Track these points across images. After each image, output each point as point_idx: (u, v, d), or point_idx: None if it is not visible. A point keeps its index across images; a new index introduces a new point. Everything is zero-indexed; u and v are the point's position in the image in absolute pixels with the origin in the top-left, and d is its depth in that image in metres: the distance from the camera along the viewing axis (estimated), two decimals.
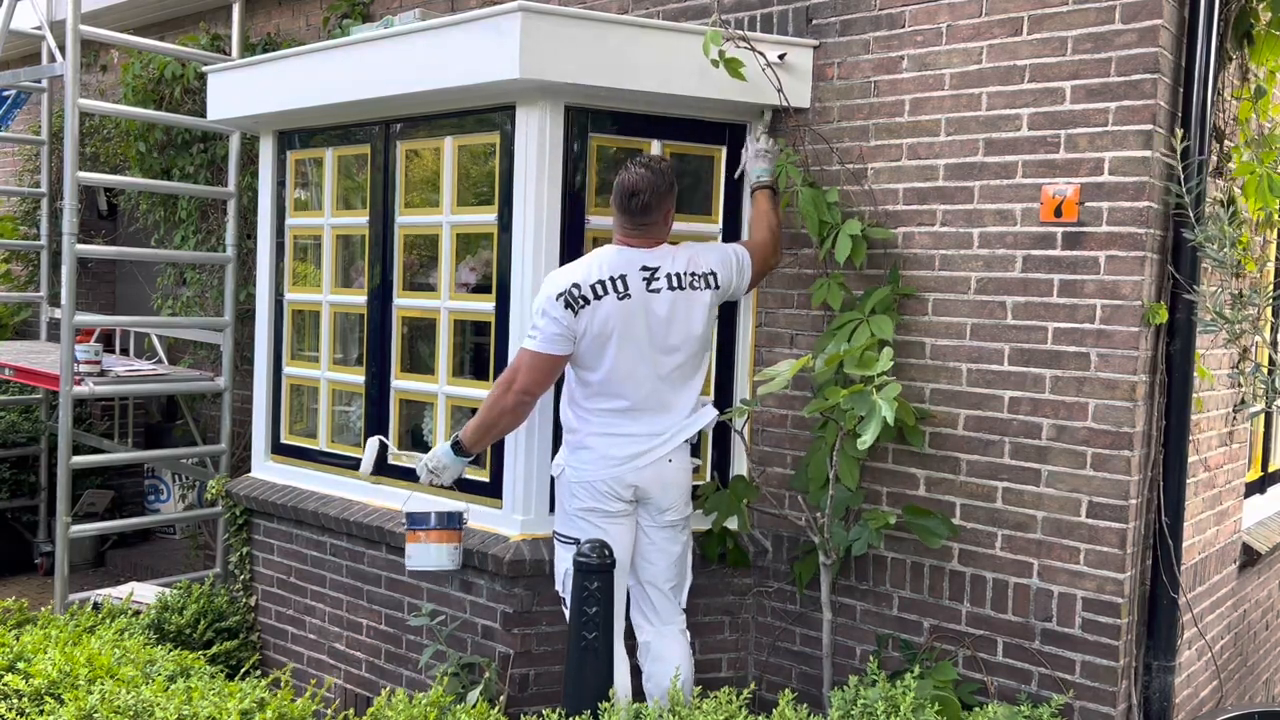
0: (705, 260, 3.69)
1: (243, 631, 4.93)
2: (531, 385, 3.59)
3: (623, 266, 3.56)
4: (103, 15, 6.53)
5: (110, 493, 7.33)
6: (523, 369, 3.58)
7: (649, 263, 3.59)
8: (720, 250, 3.79)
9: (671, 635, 3.79)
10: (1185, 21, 3.41)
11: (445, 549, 3.78)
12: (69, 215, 5.21)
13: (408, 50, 4.04)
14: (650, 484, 3.66)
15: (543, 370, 3.58)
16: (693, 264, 3.66)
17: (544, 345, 3.54)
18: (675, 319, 3.61)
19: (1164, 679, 3.53)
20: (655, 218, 3.59)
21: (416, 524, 3.77)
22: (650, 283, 3.57)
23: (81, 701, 3.09)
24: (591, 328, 3.53)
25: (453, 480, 3.79)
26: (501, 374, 3.69)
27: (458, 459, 3.72)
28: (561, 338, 3.53)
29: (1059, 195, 3.45)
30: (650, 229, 3.60)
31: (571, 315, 3.51)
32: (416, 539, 3.77)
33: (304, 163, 4.91)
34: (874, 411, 3.28)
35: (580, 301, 3.51)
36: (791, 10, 4.06)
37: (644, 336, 3.57)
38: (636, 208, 3.55)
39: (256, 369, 5.08)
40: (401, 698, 3.26)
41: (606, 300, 3.52)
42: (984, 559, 3.64)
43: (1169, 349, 3.48)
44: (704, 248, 3.78)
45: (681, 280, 3.62)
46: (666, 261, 3.61)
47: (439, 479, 3.76)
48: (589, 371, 3.61)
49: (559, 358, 3.58)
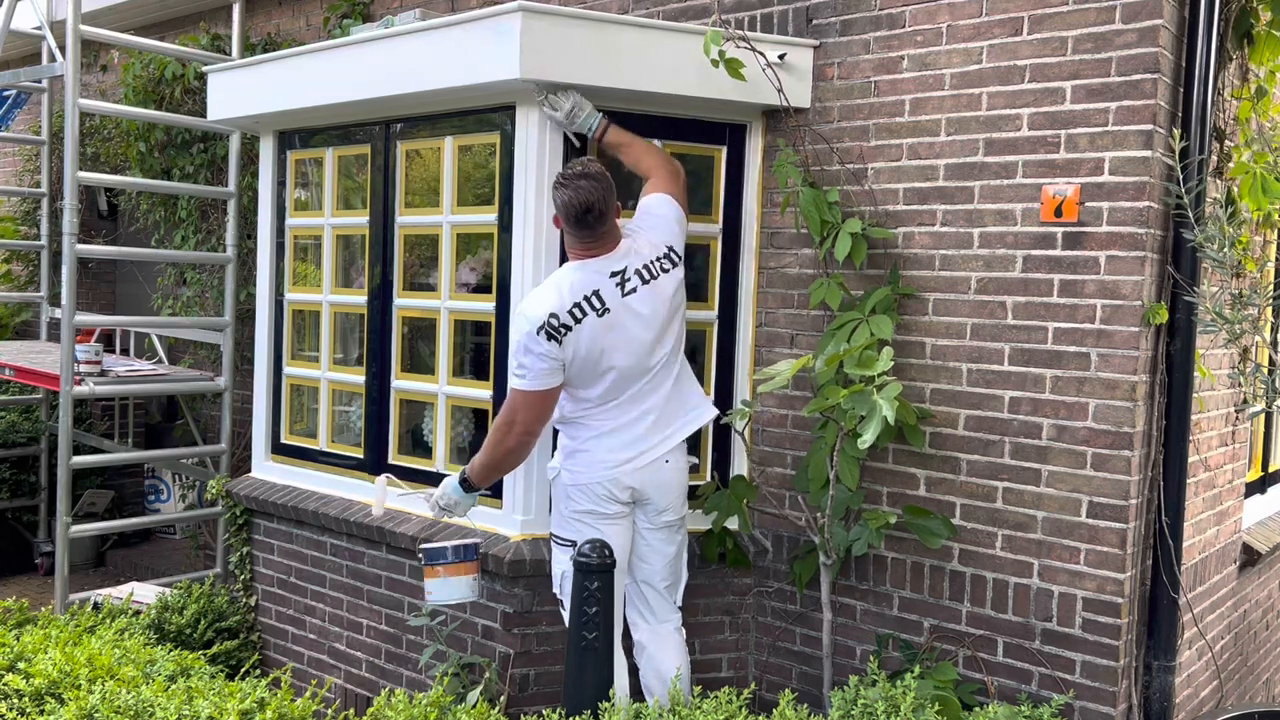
0: (658, 238, 3.62)
1: (243, 631, 4.93)
2: (532, 423, 3.56)
3: (593, 282, 3.51)
4: (103, 15, 6.53)
5: (110, 493, 7.33)
6: (519, 410, 3.54)
7: (615, 267, 3.54)
8: (661, 219, 3.66)
9: (667, 633, 3.79)
10: (1185, 21, 3.41)
11: (465, 581, 3.74)
12: (69, 215, 5.21)
13: (408, 50, 4.03)
14: (647, 485, 3.65)
15: (539, 407, 3.55)
16: (652, 248, 3.60)
17: (535, 383, 3.50)
18: (656, 310, 3.58)
19: (1164, 679, 3.53)
20: (609, 222, 3.53)
21: (434, 559, 3.71)
22: (624, 286, 3.54)
23: (82, 701, 3.09)
24: (579, 351, 3.49)
25: (465, 513, 3.79)
26: (499, 416, 3.63)
27: (468, 495, 3.71)
28: (550, 371, 3.49)
29: (1059, 195, 3.45)
30: (607, 235, 3.55)
31: (556, 346, 3.46)
32: (435, 574, 3.71)
33: (304, 163, 4.91)
34: (874, 411, 3.28)
35: (562, 330, 3.46)
36: (791, 10, 4.06)
37: (633, 340, 3.55)
38: (593, 220, 3.48)
39: (256, 369, 5.08)
40: (401, 698, 3.26)
41: (587, 321, 3.48)
42: (984, 559, 3.65)
43: (1169, 349, 3.48)
44: (648, 225, 3.66)
45: (651, 269, 3.58)
46: (631, 258, 3.57)
47: (452, 515, 3.76)
48: (585, 389, 3.59)
49: (553, 390, 3.54)
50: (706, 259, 4.19)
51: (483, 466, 3.65)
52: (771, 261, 4.16)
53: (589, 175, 3.48)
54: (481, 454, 3.65)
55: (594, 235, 3.52)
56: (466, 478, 3.68)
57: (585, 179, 3.46)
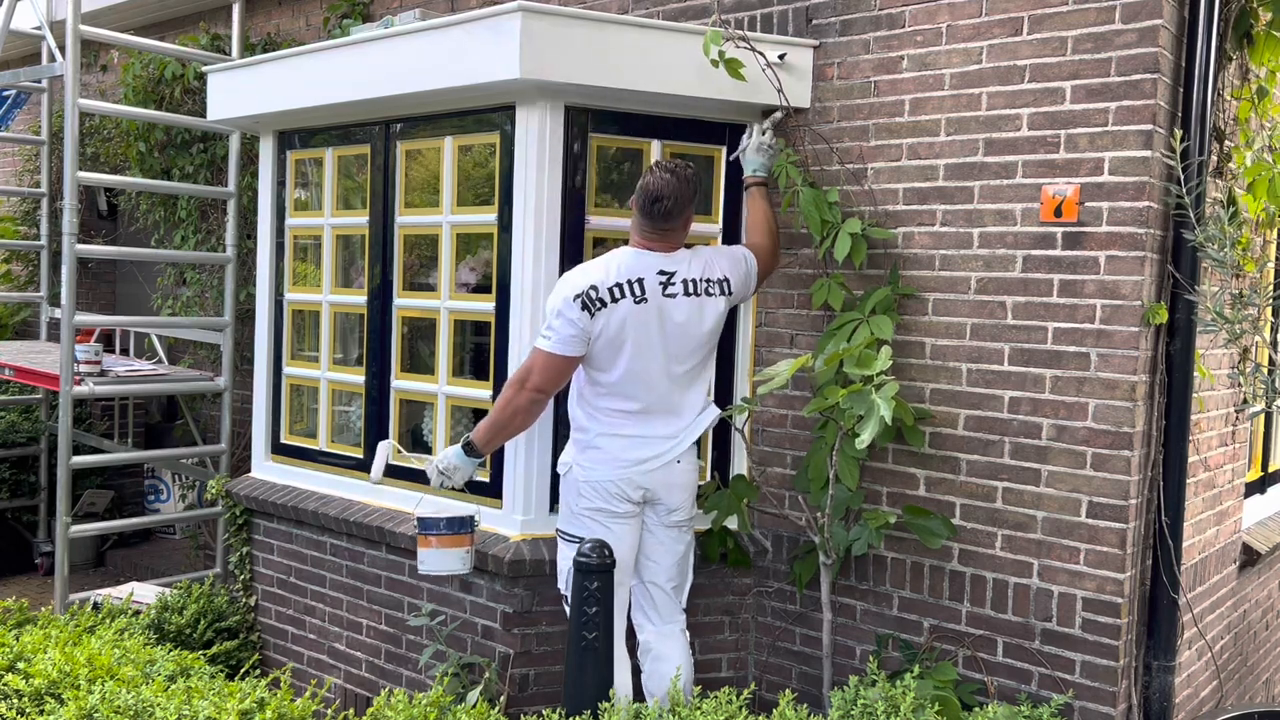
0: (719, 265, 3.69)
1: (243, 631, 4.93)
2: (545, 384, 3.58)
3: (640, 270, 3.55)
4: (103, 15, 6.53)
5: (110, 493, 7.33)
6: (536, 368, 3.56)
7: (666, 267, 3.58)
8: (732, 255, 3.78)
9: (672, 635, 3.79)
10: (1185, 21, 3.41)
11: (457, 553, 3.76)
12: (69, 215, 5.21)
13: (408, 50, 4.03)
14: (659, 486, 3.66)
15: (557, 370, 3.57)
16: (708, 269, 3.66)
17: (558, 346, 3.52)
18: (690, 324, 3.61)
19: (1164, 679, 3.53)
20: (676, 223, 3.58)
21: (428, 529, 3.75)
22: (666, 287, 3.57)
23: (81, 701, 3.09)
24: (607, 330, 3.51)
25: (464, 482, 3.78)
26: (513, 373, 3.68)
27: (469, 460, 3.70)
28: (576, 339, 3.51)
29: (1059, 195, 3.45)
30: (670, 234, 3.59)
31: (588, 317, 3.49)
32: (428, 544, 3.75)
33: (304, 163, 4.91)
34: (872, 411, 3.28)
35: (597, 304, 3.49)
36: (791, 10, 4.06)
37: (659, 341, 3.57)
38: (660, 213, 3.53)
39: (256, 369, 5.08)
40: (401, 698, 3.26)
41: (623, 303, 3.51)
42: (984, 559, 3.65)
43: (1169, 349, 3.48)
44: (716, 252, 3.77)
45: (698, 286, 3.62)
46: (683, 266, 3.61)
47: (450, 480, 3.75)
48: (602, 373, 3.60)
49: (573, 359, 3.56)
50: None
51: (489, 427, 3.65)
52: None
53: (674, 171, 3.56)
54: (488, 416, 3.67)
55: (657, 229, 3.57)
56: (470, 441, 3.68)
57: (669, 173, 3.54)
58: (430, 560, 3.77)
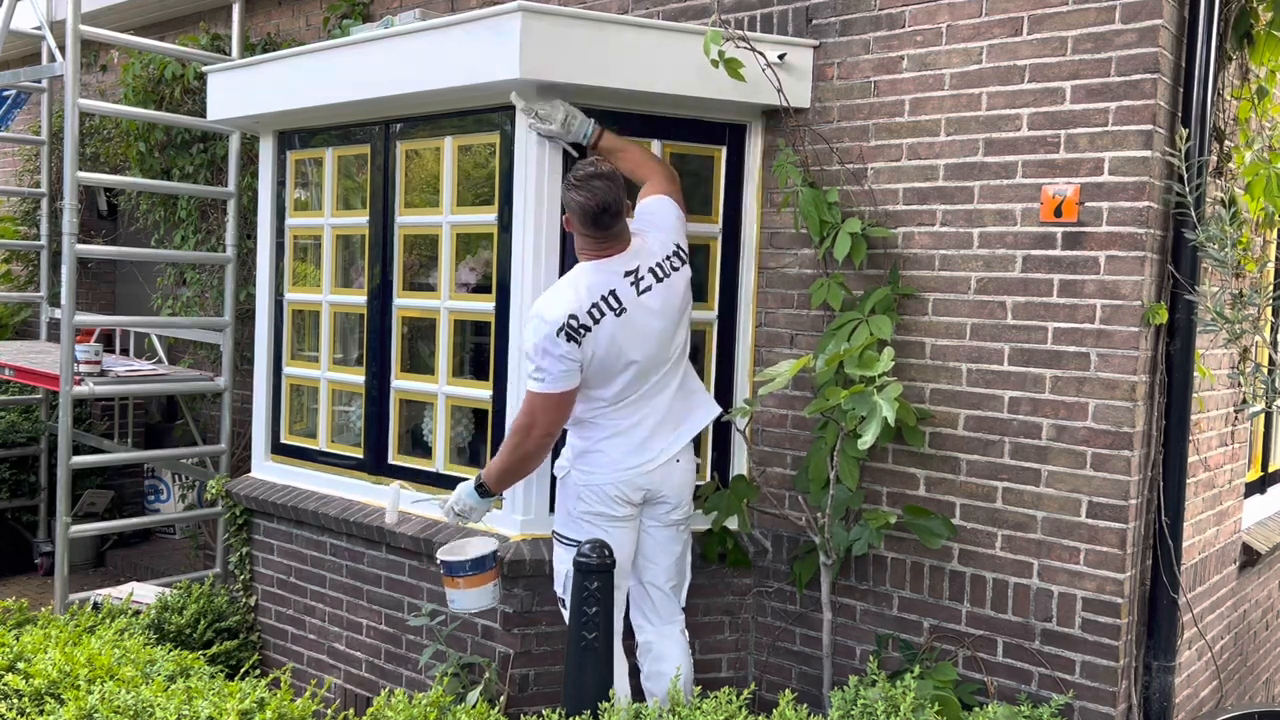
0: (667, 237, 3.63)
1: (243, 631, 4.93)
2: (551, 426, 3.52)
3: (609, 282, 3.51)
4: (103, 15, 6.53)
5: (110, 493, 7.33)
6: (538, 412, 3.50)
7: (629, 266, 3.54)
8: (664, 217, 3.67)
9: (671, 635, 3.79)
10: (1185, 21, 3.41)
11: (485, 590, 3.74)
12: (69, 215, 5.21)
13: (408, 50, 4.03)
14: (659, 485, 3.66)
15: (557, 408, 3.51)
16: (662, 246, 3.61)
17: (554, 385, 3.46)
18: (668, 307, 3.59)
19: (1164, 679, 3.53)
20: (623, 221, 3.55)
21: (454, 572, 3.71)
22: (638, 285, 3.54)
23: (81, 701, 3.09)
24: (597, 351, 3.48)
25: (480, 519, 3.76)
26: (515, 420, 3.59)
27: (483, 500, 3.67)
28: (569, 373, 3.47)
29: (1059, 195, 3.45)
30: (621, 233, 3.55)
31: (575, 347, 3.44)
32: (455, 585, 3.72)
33: (304, 163, 4.91)
34: (875, 412, 3.28)
35: (581, 331, 3.44)
36: (791, 10, 4.06)
37: (649, 338, 3.55)
38: (609, 221, 3.48)
39: (256, 369, 5.08)
40: (401, 698, 3.25)
41: (606, 321, 3.48)
42: (984, 559, 3.64)
43: (1169, 349, 3.48)
44: (654, 225, 3.66)
45: (663, 268, 3.59)
46: (643, 257, 3.57)
47: (466, 520, 3.72)
48: (600, 389, 3.58)
49: (571, 392, 3.51)
50: (706, 259, 4.18)
51: (500, 471, 3.61)
52: (771, 261, 4.16)
53: (602, 175, 3.48)
54: (499, 459, 3.61)
55: (609, 236, 3.52)
56: (483, 483, 3.64)
57: (599, 179, 3.46)
58: (460, 600, 3.74)
